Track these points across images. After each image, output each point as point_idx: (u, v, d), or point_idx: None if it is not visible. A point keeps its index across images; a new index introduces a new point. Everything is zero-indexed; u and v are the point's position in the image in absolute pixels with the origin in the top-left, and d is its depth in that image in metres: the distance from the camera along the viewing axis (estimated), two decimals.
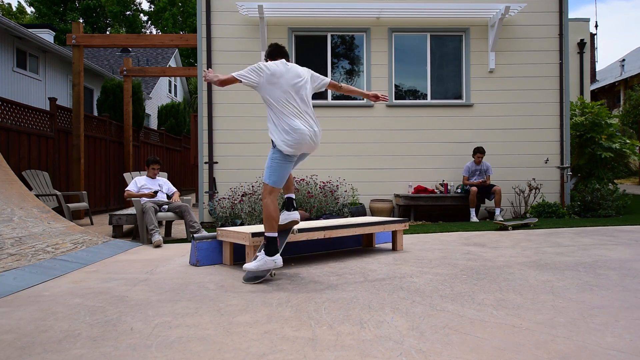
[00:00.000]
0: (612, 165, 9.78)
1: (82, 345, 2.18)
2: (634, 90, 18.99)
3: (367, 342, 2.17)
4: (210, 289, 3.25)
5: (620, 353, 2.01)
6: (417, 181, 8.48)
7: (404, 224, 4.96)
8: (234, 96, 8.36)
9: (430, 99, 8.68)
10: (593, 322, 2.44)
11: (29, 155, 8.28)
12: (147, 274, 3.84)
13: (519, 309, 2.68)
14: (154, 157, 6.72)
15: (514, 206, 8.36)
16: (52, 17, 30.33)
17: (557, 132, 8.58)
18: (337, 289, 3.20)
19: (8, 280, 3.40)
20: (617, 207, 7.96)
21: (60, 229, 5.22)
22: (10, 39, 12.29)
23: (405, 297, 2.96)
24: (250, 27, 8.39)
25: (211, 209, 8.12)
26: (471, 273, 3.68)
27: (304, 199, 7.72)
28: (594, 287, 3.19)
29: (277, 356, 2.02)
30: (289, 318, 2.55)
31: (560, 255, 4.40)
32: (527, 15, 8.55)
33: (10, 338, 2.27)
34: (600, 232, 5.99)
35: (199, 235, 4.33)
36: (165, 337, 2.27)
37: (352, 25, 8.56)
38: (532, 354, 2.01)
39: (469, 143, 8.49)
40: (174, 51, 22.96)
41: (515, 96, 8.58)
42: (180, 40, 9.93)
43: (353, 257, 4.50)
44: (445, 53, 8.76)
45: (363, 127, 8.54)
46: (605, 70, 26.89)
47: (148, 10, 35.74)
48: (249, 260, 3.91)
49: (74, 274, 3.82)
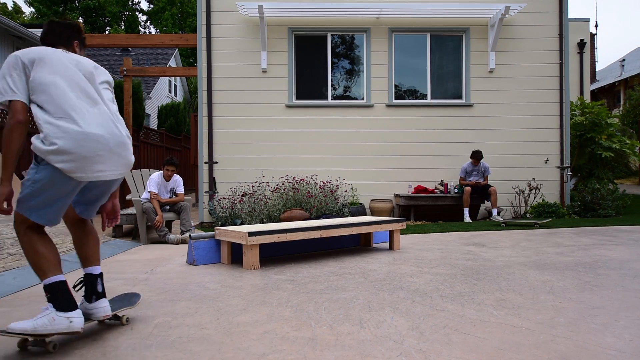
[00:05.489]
0: (612, 165, 9.79)
1: (82, 345, 2.18)
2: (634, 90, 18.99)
3: (367, 342, 2.17)
4: (210, 289, 3.25)
5: (620, 353, 2.01)
6: (417, 181, 8.48)
7: (401, 223, 4.96)
8: (234, 96, 8.36)
9: (430, 99, 8.68)
10: (593, 322, 2.43)
11: (29, 155, 8.29)
12: (147, 273, 3.84)
13: (519, 309, 2.68)
14: (170, 158, 6.40)
15: (513, 206, 8.36)
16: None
17: (557, 132, 8.58)
18: (337, 289, 3.20)
19: (8, 280, 3.40)
20: (617, 207, 7.96)
21: (60, 229, 5.22)
22: (10, 38, 12.29)
23: (405, 297, 2.96)
24: (250, 27, 8.39)
25: (211, 208, 8.12)
26: (471, 273, 3.68)
27: (304, 199, 7.72)
28: (594, 287, 3.19)
29: (277, 356, 2.01)
30: (289, 318, 2.55)
31: (560, 255, 4.40)
32: (527, 15, 8.55)
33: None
34: (600, 232, 5.99)
35: (196, 234, 4.32)
36: (165, 337, 2.27)
37: (352, 25, 8.55)
38: (532, 354, 2.01)
39: (469, 143, 8.49)
40: (174, 51, 22.96)
41: (515, 96, 8.58)
42: (180, 40, 9.93)
43: (353, 257, 4.50)
44: (445, 53, 8.76)
45: (363, 127, 8.53)
46: (605, 70, 26.89)
47: (147, 10, 35.73)
48: (245, 259, 3.92)
49: (73, 274, 3.82)
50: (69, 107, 2.13)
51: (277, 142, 8.42)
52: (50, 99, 2.12)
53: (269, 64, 8.40)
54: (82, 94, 2.21)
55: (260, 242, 3.96)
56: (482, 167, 8.09)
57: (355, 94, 8.76)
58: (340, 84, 8.83)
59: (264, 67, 8.37)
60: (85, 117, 2.15)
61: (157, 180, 6.23)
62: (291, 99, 8.47)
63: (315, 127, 8.47)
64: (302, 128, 8.44)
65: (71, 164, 2.08)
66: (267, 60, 8.38)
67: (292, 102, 8.46)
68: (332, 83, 8.67)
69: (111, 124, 2.24)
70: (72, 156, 2.08)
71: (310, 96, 8.60)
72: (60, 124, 2.09)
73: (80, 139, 2.10)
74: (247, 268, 3.92)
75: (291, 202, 7.73)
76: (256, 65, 8.42)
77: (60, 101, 2.12)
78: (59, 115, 2.10)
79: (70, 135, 2.09)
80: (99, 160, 2.16)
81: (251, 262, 3.93)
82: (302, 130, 8.44)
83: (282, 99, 8.45)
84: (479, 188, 7.93)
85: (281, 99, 8.45)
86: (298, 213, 7.30)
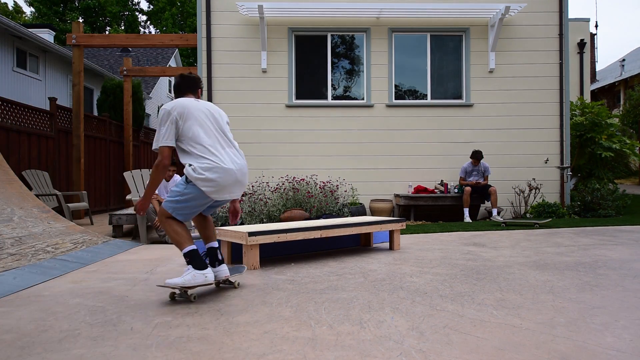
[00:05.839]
0: (612, 165, 9.79)
1: (82, 345, 2.18)
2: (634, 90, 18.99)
3: (367, 342, 2.17)
4: (210, 289, 3.25)
5: (620, 353, 2.01)
6: (417, 181, 8.49)
7: (401, 223, 4.96)
8: (234, 96, 8.36)
9: (430, 99, 8.68)
10: (593, 322, 2.43)
11: (29, 155, 8.28)
12: (147, 273, 3.84)
13: (519, 309, 2.68)
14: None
15: (514, 206, 8.36)
16: (51, 17, 30.31)
17: (557, 132, 8.59)
18: (337, 289, 3.20)
19: (8, 280, 3.40)
20: (617, 207, 7.96)
21: (60, 229, 5.22)
22: (10, 38, 12.28)
23: (405, 297, 2.96)
24: (250, 27, 8.39)
25: None
26: (471, 273, 3.68)
27: (304, 199, 7.72)
28: (594, 287, 3.19)
29: (277, 356, 2.01)
30: (289, 318, 2.55)
31: (560, 255, 4.40)
32: (527, 15, 8.55)
33: (10, 338, 2.27)
34: (600, 232, 5.99)
35: (196, 234, 4.32)
36: (165, 337, 2.27)
37: (352, 25, 8.56)
38: (532, 354, 2.01)
39: (469, 143, 8.49)
40: (174, 51, 22.95)
41: (515, 96, 8.58)
42: (180, 40, 9.93)
43: (353, 257, 4.50)
44: (445, 53, 8.76)
45: (363, 127, 8.54)
46: (605, 70, 26.88)
47: (147, 10, 35.73)
48: (245, 259, 3.93)
49: (74, 274, 3.82)
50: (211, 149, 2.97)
51: (277, 142, 8.42)
52: (196, 143, 2.95)
53: (269, 64, 8.41)
54: (218, 136, 3.07)
55: (260, 242, 3.96)
56: (482, 167, 8.09)
57: (355, 94, 8.76)
58: (340, 84, 8.83)
59: (264, 67, 8.37)
60: (223, 156, 3.00)
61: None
62: (291, 99, 8.47)
63: (315, 127, 8.47)
64: (302, 128, 8.44)
65: (212, 189, 2.94)
66: (267, 60, 8.38)
67: (292, 102, 8.46)
68: (332, 83, 8.67)
69: (238, 160, 3.10)
70: (213, 184, 2.93)
71: (310, 96, 8.60)
72: (206, 162, 2.92)
73: (220, 173, 2.94)
74: (247, 268, 3.92)
75: (291, 202, 7.72)
76: (256, 65, 8.42)
77: (205, 144, 2.96)
78: (204, 155, 2.94)
79: (214, 170, 2.92)
80: (229, 189, 3.02)
81: (251, 262, 3.93)
82: (302, 130, 8.44)
83: (282, 99, 8.45)
84: (479, 188, 7.93)
85: (281, 99, 8.45)
86: (298, 213, 7.30)
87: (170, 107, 2.96)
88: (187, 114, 2.96)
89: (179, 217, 2.98)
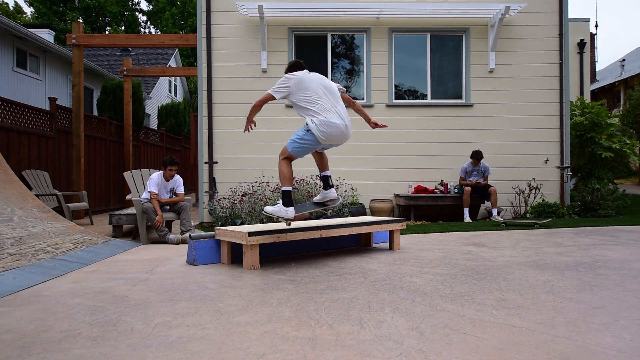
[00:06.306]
0: (612, 165, 9.79)
1: (82, 345, 2.18)
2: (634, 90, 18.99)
3: (367, 342, 2.17)
4: (210, 289, 3.25)
5: (620, 353, 2.01)
6: (417, 181, 8.49)
7: (401, 223, 4.96)
8: (235, 96, 8.36)
9: (430, 99, 8.69)
10: (593, 322, 2.44)
11: (29, 155, 8.28)
12: (147, 273, 3.84)
13: (519, 309, 2.68)
14: (171, 158, 6.34)
15: (514, 206, 8.37)
16: (51, 17, 30.33)
17: (557, 132, 8.59)
18: (337, 289, 3.20)
19: (8, 280, 3.40)
20: (617, 207, 7.96)
21: (60, 229, 5.22)
22: (10, 38, 12.29)
23: (405, 297, 2.96)
24: (250, 27, 8.39)
25: (211, 208, 8.12)
26: (471, 273, 3.68)
27: (304, 199, 7.72)
28: (594, 287, 3.19)
29: (277, 356, 2.01)
30: (289, 318, 2.55)
31: (560, 255, 4.40)
32: (527, 15, 8.55)
33: (10, 338, 2.27)
34: (600, 232, 5.99)
35: (196, 234, 4.33)
36: (165, 337, 2.27)
37: (352, 25, 8.56)
38: (532, 354, 2.01)
39: (469, 143, 8.49)
40: (174, 51, 22.95)
41: (515, 96, 8.58)
42: (180, 40, 9.93)
43: (353, 257, 4.50)
44: (445, 53, 8.76)
45: (363, 127, 8.48)
46: (605, 70, 26.89)
47: (147, 10, 35.73)
48: (245, 259, 3.94)
49: (74, 274, 3.82)
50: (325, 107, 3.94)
51: (277, 142, 8.39)
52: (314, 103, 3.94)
53: (269, 64, 8.40)
54: (330, 97, 4.01)
55: (260, 242, 3.96)
56: (482, 167, 8.09)
57: (355, 94, 8.76)
58: (340, 84, 8.82)
59: (264, 67, 8.37)
60: (333, 114, 3.94)
61: (157, 180, 6.22)
62: None
63: None
64: None
65: (324, 137, 3.91)
66: (267, 60, 8.38)
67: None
68: None
69: (345, 117, 4.03)
70: (326, 134, 3.91)
71: None
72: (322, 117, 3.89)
73: (332, 125, 3.90)
74: (247, 268, 3.92)
75: None
76: (256, 65, 8.42)
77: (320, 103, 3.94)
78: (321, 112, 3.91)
79: (326, 123, 3.89)
80: (337, 138, 4.01)
81: (251, 262, 3.93)
82: None
83: (282, 99, 8.43)
84: (479, 188, 7.93)
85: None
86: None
87: (290, 76, 4.01)
88: (303, 83, 3.95)
89: (294, 153, 4.00)
